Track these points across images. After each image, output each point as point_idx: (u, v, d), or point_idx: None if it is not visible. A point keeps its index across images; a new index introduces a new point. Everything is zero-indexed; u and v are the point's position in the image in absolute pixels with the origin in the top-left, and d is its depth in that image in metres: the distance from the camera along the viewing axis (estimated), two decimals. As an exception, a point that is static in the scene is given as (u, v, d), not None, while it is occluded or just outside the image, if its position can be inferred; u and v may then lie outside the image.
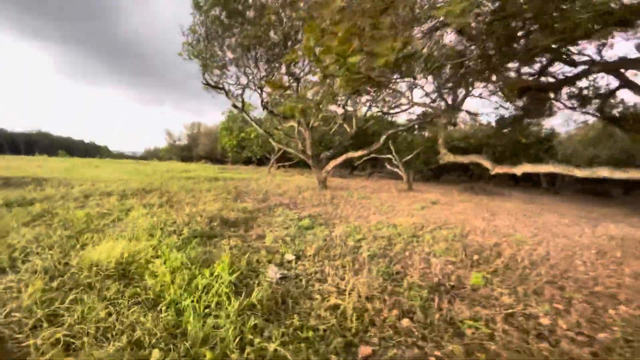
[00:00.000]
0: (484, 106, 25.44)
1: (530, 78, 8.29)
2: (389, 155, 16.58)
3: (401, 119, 22.13)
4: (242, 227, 5.49)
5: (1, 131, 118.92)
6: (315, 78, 14.28)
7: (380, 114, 17.26)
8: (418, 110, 16.51)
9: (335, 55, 3.07)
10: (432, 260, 4.46)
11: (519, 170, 4.77)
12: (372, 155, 16.33)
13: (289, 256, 4.06)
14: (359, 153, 11.98)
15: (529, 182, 28.12)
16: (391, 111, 14.15)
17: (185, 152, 70.47)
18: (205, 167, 28.91)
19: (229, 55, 13.09)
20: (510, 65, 7.41)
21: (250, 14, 10.80)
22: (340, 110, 15.25)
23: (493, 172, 5.47)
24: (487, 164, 5.59)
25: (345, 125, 15.48)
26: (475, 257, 4.81)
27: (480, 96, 10.82)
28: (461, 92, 10.27)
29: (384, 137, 11.58)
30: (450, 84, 9.30)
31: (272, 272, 3.29)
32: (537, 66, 8.60)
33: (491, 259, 4.84)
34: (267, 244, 4.57)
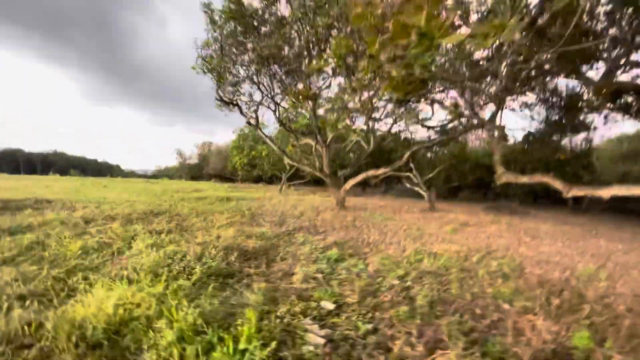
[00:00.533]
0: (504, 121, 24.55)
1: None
2: (408, 174, 15.72)
3: (419, 135, 21.38)
4: (262, 260, 4.65)
5: (19, 151, 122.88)
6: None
7: (398, 131, 16.54)
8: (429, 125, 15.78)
9: (417, 35, 2.37)
10: (506, 308, 3.53)
11: (606, 193, 3.89)
12: (390, 173, 15.47)
13: (328, 304, 3.20)
14: (381, 171, 11.18)
15: (547, 199, 26.41)
16: (425, 124, 13.27)
17: (195, 171, 70.81)
18: (216, 186, 28.44)
19: (242, 72, 12.72)
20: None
21: (265, 28, 10.43)
22: (355, 127, 14.61)
23: (568, 195, 4.57)
24: (557, 185, 4.70)
25: (362, 143, 14.78)
26: (555, 301, 3.84)
27: (512, 109, 10.01)
28: (489, 106, 9.55)
29: (407, 154, 10.79)
30: (491, 93, 8.53)
31: (315, 337, 2.42)
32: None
33: (574, 303, 3.87)
34: (297, 285, 3.71)
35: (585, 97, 8.75)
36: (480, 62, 5.67)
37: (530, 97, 11.74)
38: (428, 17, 2.16)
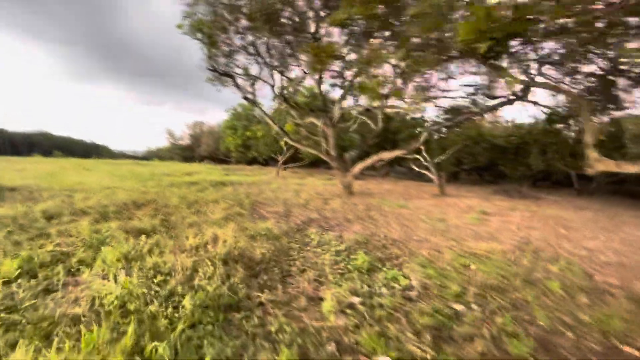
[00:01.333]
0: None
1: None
2: (417, 156, 14.59)
3: (427, 115, 20.01)
4: (275, 275, 3.52)
5: (1, 132, 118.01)
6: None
7: (405, 108, 15.21)
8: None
9: None
10: (622, 349, 2.50)
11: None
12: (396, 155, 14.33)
13: (387, 362, 2.11)
14: (396, 153, 10.01)
15: (547, 182, 25.30)
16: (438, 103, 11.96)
17: (187, 152, 68.53)
18: (209, 168, 26.99)
19: (237, 41, 11.15)
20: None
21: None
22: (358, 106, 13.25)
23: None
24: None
25: (369, 122, 13.50)
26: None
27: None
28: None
29: (424, 134, 9.59)
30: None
31: None
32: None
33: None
34: (330, 323, 2.60)
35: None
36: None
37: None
38: None
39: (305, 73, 9.12)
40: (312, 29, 8.28)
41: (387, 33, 5.58)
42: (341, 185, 11.45)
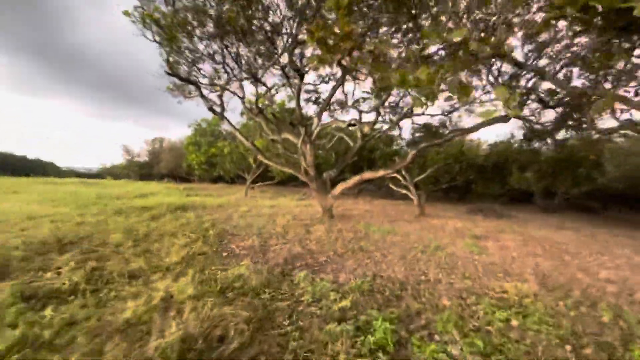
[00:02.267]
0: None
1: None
2: (395, 174, 13.95)
3: (403, 133, 19.70)
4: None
5: None
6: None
7: (381, 127, 14.65)
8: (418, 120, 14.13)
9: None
10: None
11: None
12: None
13: None
14: (381, 173, 9.11)
15: (504, 199, 25.94)
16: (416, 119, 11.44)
17: (145, 170, 63.61)
18: (168, 188, 24.56)
19: (202, 48, 9.87)
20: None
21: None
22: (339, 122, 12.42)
23: None
24: None
25: (347, 139, 12.69)
26: None
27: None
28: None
29: (411, 152, 8.84)
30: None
31: None
32: None
33: None
34: None
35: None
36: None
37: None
38: None
39: (300, 72, 7.93)
40: (292, 30, 7.26)
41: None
42: (321, 208, 10.30)
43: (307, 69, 8.83)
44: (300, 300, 3.65)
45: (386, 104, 13.86)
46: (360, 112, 12.73)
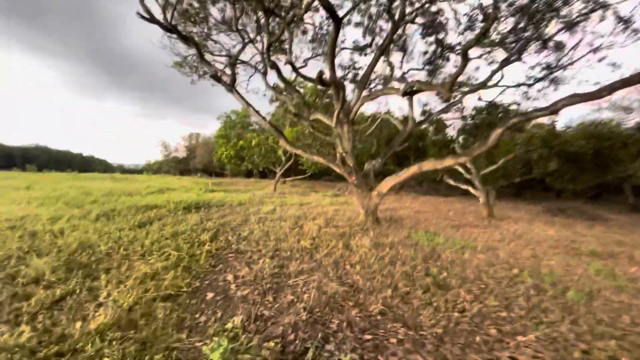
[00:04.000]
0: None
1: None
2: (458, 168, 10.99)
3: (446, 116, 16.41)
4: None
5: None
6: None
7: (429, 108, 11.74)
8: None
9: None
10: None
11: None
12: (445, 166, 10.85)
13: None
14: (449, 162, 6.39)
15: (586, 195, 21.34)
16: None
17: (182, 165, 64.86)
18: (196, 182, 23.42)
19: (216, 13, 7.80)
20: None
21: None
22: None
23: None
24: None
25: (394, 123, 10.05)
26: None
27: None
28: None
29: (497, 131, 6.02)
30: None
31: None
32: None
33: None
34: None
35: None
36: None
37: None
38: None
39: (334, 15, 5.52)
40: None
41: None
42: (361, 209, 7.81)
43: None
44: None
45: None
46: (412, 91, 9.96)
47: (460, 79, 10.86)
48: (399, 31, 9.49)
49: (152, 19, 5.47)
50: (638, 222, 12.61)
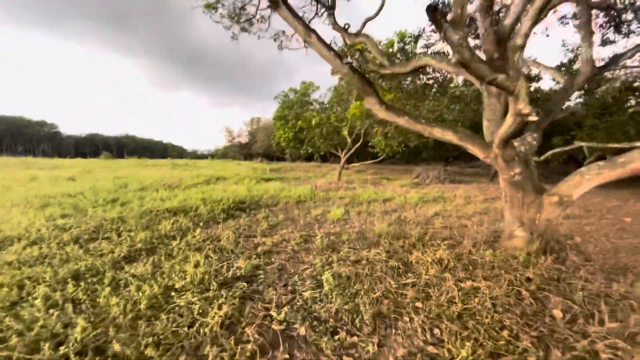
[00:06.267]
0: None
1: None
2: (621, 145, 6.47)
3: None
4: None
5: (97, 136, 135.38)
6: None
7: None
8: None
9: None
10: None
11: None
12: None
13: None
14: None
15: None
16: None
17: (245, 150, 65.93)
18: (254, 168, 21.69)
19: None
20: None
21: None
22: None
23: None
24: None
25: (556, 77, 6.03)
26: None
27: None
28: None
29: None
30: None
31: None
32: None
33: None
34: None
35: None
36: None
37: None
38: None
39: None
40: None
41: None
42: (519, 226, 4.16)
43: None
44: None
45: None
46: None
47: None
48: None
49: None
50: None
